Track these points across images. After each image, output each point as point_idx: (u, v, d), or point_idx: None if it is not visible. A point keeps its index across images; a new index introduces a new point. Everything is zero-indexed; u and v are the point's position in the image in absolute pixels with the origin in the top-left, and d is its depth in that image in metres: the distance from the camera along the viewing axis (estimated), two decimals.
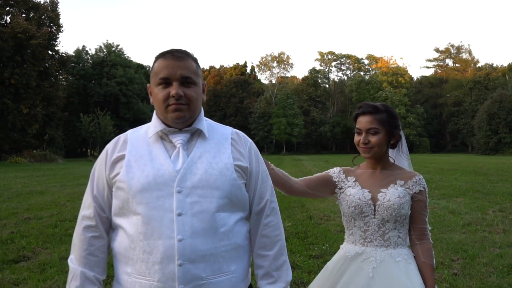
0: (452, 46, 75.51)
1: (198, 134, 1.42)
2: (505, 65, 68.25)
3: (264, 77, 77.19)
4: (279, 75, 75.31)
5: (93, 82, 53.57)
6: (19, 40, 34.84)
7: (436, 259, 2.47)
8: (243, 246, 1.42)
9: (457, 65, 75.07)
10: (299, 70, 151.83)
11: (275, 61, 74.08)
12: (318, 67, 76.23)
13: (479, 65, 73.29)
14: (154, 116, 1.43)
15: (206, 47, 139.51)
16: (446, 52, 76.02)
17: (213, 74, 71.89)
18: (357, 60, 76.84)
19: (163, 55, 1.38)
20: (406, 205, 1.78)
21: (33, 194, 10.87)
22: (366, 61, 77.90)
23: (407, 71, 73.24)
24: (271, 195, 1.50)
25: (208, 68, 74.92)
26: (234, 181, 1.37)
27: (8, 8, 37.90)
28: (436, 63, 78.04)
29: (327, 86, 77.21)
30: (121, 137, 1.46)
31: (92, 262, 1.40)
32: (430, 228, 1.88)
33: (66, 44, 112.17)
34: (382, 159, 1.86)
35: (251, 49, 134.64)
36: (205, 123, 1.44)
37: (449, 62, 76.85)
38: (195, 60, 1.41)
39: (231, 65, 75.71)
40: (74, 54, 53.52)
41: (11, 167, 24.66)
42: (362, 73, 76.14)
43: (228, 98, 69.48)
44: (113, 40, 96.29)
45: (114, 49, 57.30)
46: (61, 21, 41.31)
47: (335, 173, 1.93)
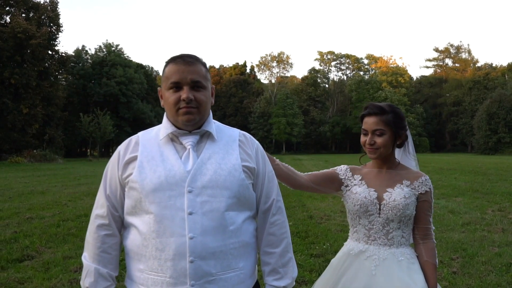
0: (452, 46, 75.61)
1: (207, 136, 1.47)
2: (505, 65, 68.28)
3: (264, 77, 77.28)
4: (279, 75, 75.36)
5: (93, 82, 53.56)
6: (19, 40, 34.88)
7: None
8: (251, 244, 1.48)
9: (457, 65, 75.12)
10: (299, 70, 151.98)
11: (275, 61, 74.12)
12: (318, 67, 76.36)
13: (479, 65, 73.37)
14: (165, 119, 1.48)
15: (206, 47, 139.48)
16: (446, 52, 76.08)
17: (213, 74, 71.84)
18: (357, 60, 76.89)
19: (174, 60, 1.43)
20: (411, 206, 1.80)
21: (34, 194, 10.91)
22: (366, 61, 77.98)
23: (407, 71, 73.30)
24: (277, 195, 1.55)
25: (208, 68, 74.96)
26: (242, 181, 1.42)
27: (8, 8, 37.91)
28: (436, 63, 78.14)
29: (327, 86, 77.27)
30: (133, 139, 1.51)
31: (106, 259, 1.45)
32: (434, 228, 1.89)
33: (66, 44, 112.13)
34: (388, 159, 1.87)
35: (251, 49, 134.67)
36: (214, 126, 1.50)
37: (449, 62, 76.99)
38: (204, 65, 1.47)
39: (231, 65, 75.77)
40: (74, 54, 53.53)
41: (11, 167, 24.70)
42: (362, 73, 76.18)
43: (228, 98, 69.50)
44: (113, 40, 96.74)
45: (114, 49, 57.30)
46: (61, 21, 41.34)
47: (342, 171, 1.95)
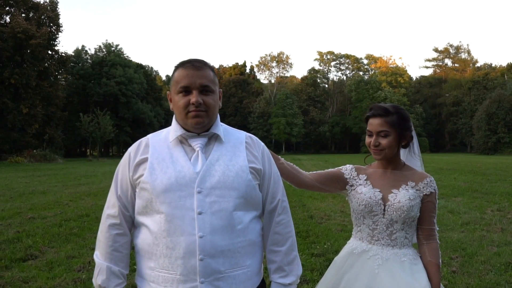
0: (451, 46, 75.74)
1: (215, 138, 1.52)
2: (504, 65, 68.40)
3: (264, 77, 77.41)
4: (279, 75, 75.47)
5: (93, 82, 53.61)
6: (19, 40, 34.92)
7: None
8: (257, 243, 1.52)
9: (456, 65, 75.23)
10: (298, 70, 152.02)
11: (275, 61, 74.21)
12: (317, 67, 76.46)
13: (478, 65, 73.54)
14: (174, 122, 1.53)
15: (206, 47, 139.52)
16: (445, 52, 76.21)
17: None
18: (356, 60, 76.98)
19: (183, 65, 1.48)
20: (416, 208, 1.80)
21: (35, 194, 10.94)
22: (365, 61, 78.11)
23: (406, 71, 73.40)
24: (283, 195, 1.60)
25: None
26: (250, 182, 1.47)
27: (8, 8, 37.95)
28: (435, 63, 78.29)
29: (326, 86, 77.38)
30: (143, 141, 1.55)
31: (117, 258, 1.50)
32: (438, 229, 1.90)
33: (66, 44, 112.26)
34: (394, 160, 1.88)
35: (251, 49, 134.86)
36: (221, 128, 1.55)
37: (448, 62, 77.13)
38: (213, 69, 1.52)
39: (231, 65, 75.84)
40: (74, 54, 53.58)
41: (11, 167, 24.73)
42: (361, 73, 76.26)
43: (228, 98, 69.52)
44: (113, 40, 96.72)
45: (114, 49, 57.36)
46: (61, 21, 41.45)
47: (347, 170, 1.95)
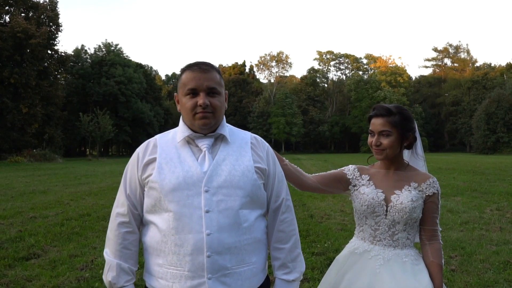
0: (451, 46, 75.81)
1: (221, 139, 1.56)
2: (503, 65, 68.47)
3: (263, 77, 77.39)
4: (278, 75, 75.46)
5: (92, 82, 53.61)
6: (19, 40, 34.91)
7: None
8: (262, 240, 1.57)
9: (456, 65, 75.30)
10: (298, 70, 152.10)
11: (274, 61, 74.20)
12: (317, 67, 76.50)
13: (477, 65, 73.63)
14: (181, 123, 1.57)
15: (205, 46, 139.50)
16: (445, 52, 76.27)
17: None
18: (356, 60, 77.00)
19: (191, 68, 1.52)
20: (418, 209, 1.81)
21: (36, 193, 10.96)
22: (365, 61, 78.13)
23: (406, 71, 73.45)
24: (287, 194, 1.65)
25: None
26: (255, 182, 1.52)
27: (8, 8, 37.94)
28: (435, 63, 78.31)
29: (326, 86, 77.42)
30: (151, 142, 1.60)
31: (126, 255, 1.55)
32: (441, 229, 1.90)
33: (65, 44, 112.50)
34: (396, 160, 1.88)
35: (250, 49, 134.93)
36: (227, 129, 1.59)
37: (448, 62, 77.18)
38: (219, 72, 1.57)
39: (230, 65, 75.79)
40: (73, 54, 53.58)
41: (11, 167, 24.74)
42: (361, 73, 76.30)
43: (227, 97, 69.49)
44: (112, 40, 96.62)
45: (113, 49, 57.35)
46: (60, 21, 41.44)
47: (350, 171, 1.96)
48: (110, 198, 9.94)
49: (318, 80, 76.19)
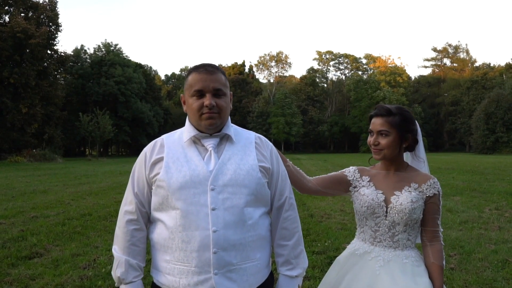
0: (450, 46, 75.90)
1: (227, 139, 1.61)
2: (503, 65, 68.64)
3: (263, 77, 77.47)
4: (277, 75, 75.53)
5: (92, 82, 53.64)
6: (18, 40, 34.92)
7: None
8: (266, 237, 1.62)
9: (455, 65, 75.40)
10: (297, 70, 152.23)
11: (273, 61, 74.29)
12: (316, 67, 76.62)
13: (477, 65, 73.76)
14: (187, 123, 1.61)
15: (205, 47, 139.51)
16: (444, 52, 76.36)
17: None
18: (355, 60, 77.10)
19: (197, 69, 1.56)
20: (418, 210, 1.81)
21: (37, 193, 10.99)
22: (364, 61, 78.24)
23: (405, 71, 73.56)
24: (290, 192, 1.69)
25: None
26: (259, 180, 1.56)
27: (7, 8, 37.93)
28: (434, 63, 78.44)
29: (325, 86, 77.51)
30: (158, 141, 1.64)
31: (135, 252, 1.59)
32: (442, 230, 1.90)
33: (65, 44, 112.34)
34: (396, 161, 1.88)
35: (250, 49, 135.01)
36: (232, 129, 1.63)
37: (447, 62, 77.30)
38: (224, 73, 1.61)
39: (230, 64, 75.80)
40: (73, 54, 53.60)
41: (11, 166, 24.76)
42: (360, 73, 76.41)
43: None
44: (112, 40, 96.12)
45: (113, 49, 57.36)
46: (60, 21, 41.49)
47: (350, 172, 1.97)
48: (111, 198, 9.97)
49: (318, 80, 76.27)
